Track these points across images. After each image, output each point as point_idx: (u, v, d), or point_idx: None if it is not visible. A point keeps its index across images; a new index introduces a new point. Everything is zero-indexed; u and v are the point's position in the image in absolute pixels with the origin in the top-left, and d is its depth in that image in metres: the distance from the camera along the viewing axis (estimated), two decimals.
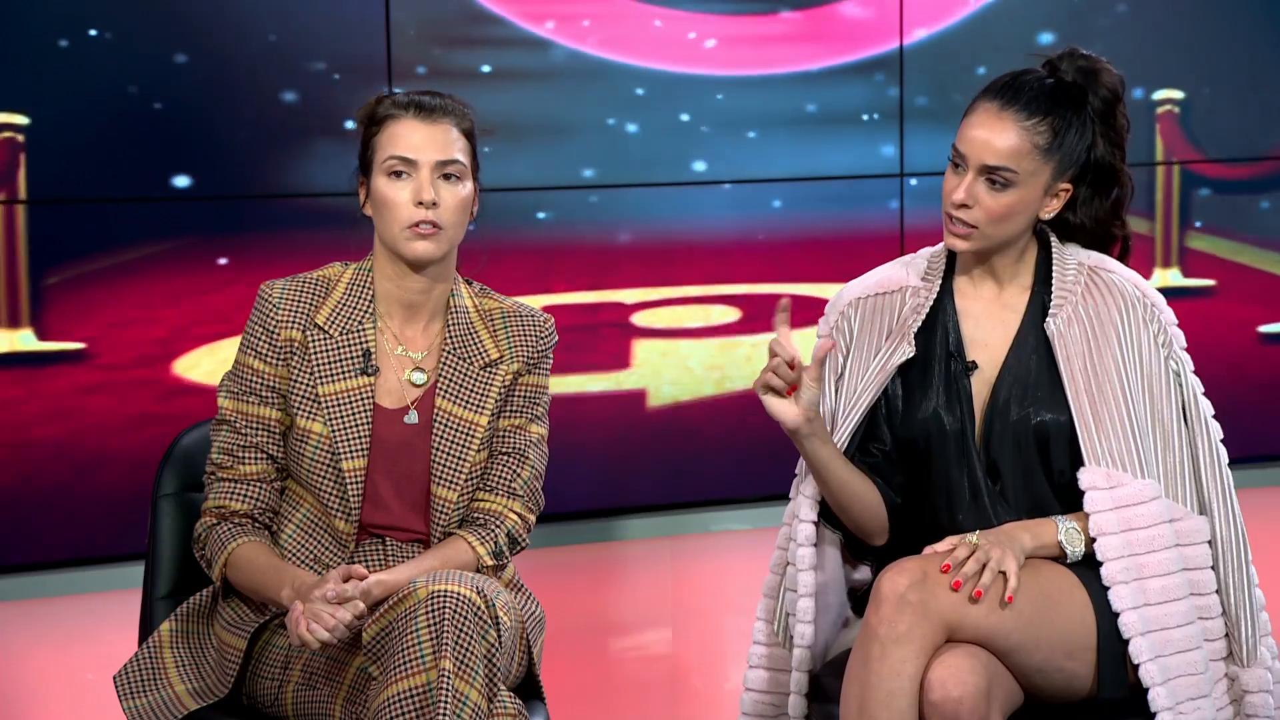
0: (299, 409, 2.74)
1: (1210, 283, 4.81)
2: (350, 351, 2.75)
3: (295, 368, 2.74)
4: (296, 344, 2.75)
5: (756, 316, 4.35)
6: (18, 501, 3.63)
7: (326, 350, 2.75)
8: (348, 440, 2.72)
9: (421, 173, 2.70)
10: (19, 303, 3.71)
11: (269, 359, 2.75)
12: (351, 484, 2.72)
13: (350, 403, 2.73)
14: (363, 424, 2.73)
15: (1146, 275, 4.48)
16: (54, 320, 3.74)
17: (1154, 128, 4.67)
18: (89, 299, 3.76)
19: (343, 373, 2.75)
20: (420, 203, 2.69)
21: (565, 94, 4.11)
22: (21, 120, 3.65)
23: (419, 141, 2.71)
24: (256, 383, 2.75)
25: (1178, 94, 4.66)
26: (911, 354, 2.82)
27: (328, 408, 2.73)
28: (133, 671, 2.75)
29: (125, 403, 3.78)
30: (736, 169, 4.22)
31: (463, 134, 2.74)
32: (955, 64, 4.39)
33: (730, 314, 4.41)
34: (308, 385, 2.74)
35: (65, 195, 3.71)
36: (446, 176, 2.72)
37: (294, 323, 2.75)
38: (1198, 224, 4.77)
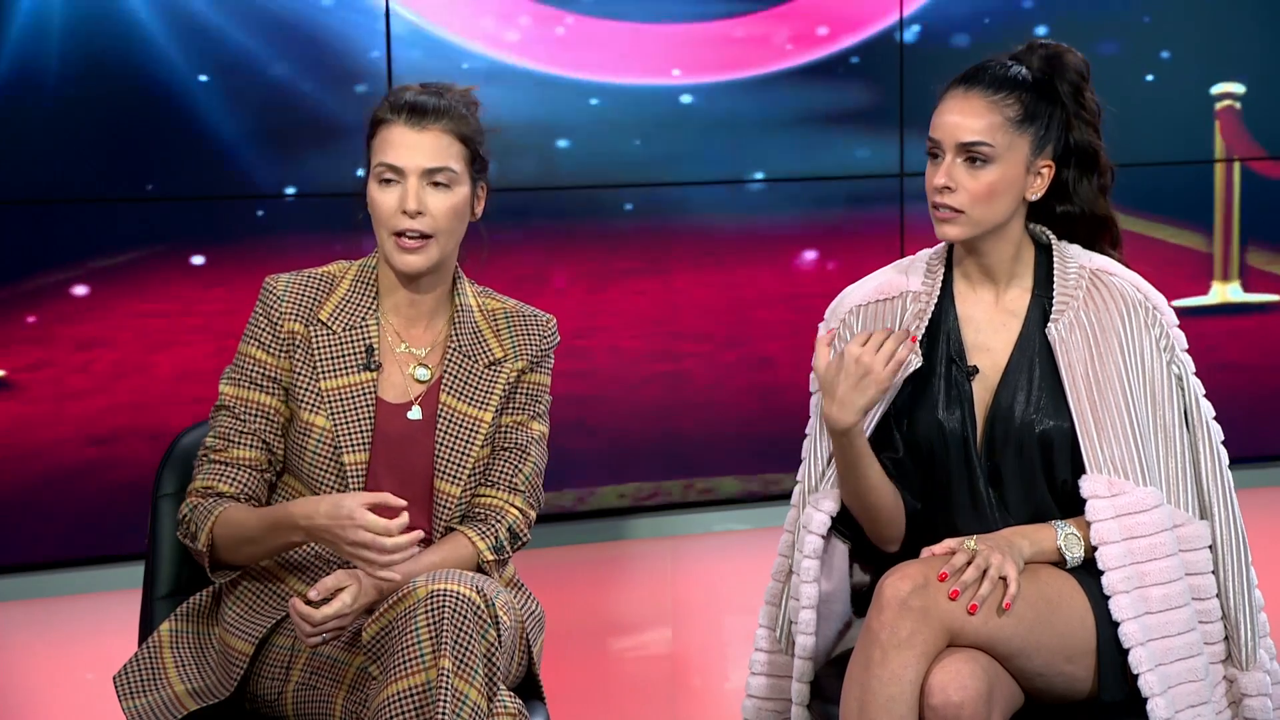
0: (302, 402, 2.74)
1: (1273, 298, 4.45)
2: (353, 347, 2.76)
3: (298, 360, 2.75)
4: (299, 337, 2.75)
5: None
6: (17, 501, 3.63)
7: (329, 345, 2.75)
8: (349, 434, 2.73)
9: (409, 181, 2.71)
10: None
11: (272, 349, 2.76)
12: (353, 478, 2.72)
13: (353, 397, 2.74)
14: (365, 418, 2.74)
15: (1204, 287, 4.33)
16: None
17: (1213, 123, 4.39)
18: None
19: (345, 368, 2.75)
20: (405, 211, 2.70)
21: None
22: None
23: (407, 149, 2.71)
24: (258, 372, 2.75)
25: (1238, 88, 4.49)
26: (919, 364, 2.81)
27: (330, 402, 2.73)
28: (133, 672, 2.76)
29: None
30: (736, 169, 4.15)
31: (457, 138, 2.74)
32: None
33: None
34: (310, 379, 2.74)
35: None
36: (436, 184, 2.72)
37: (297, 315, 2.76)
38: (1259, 228, 4.40)
